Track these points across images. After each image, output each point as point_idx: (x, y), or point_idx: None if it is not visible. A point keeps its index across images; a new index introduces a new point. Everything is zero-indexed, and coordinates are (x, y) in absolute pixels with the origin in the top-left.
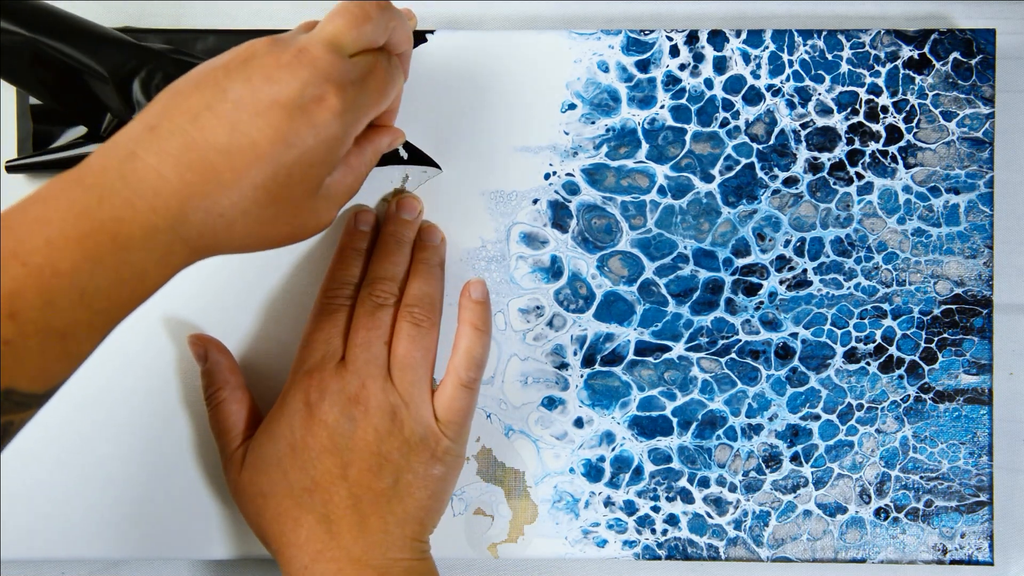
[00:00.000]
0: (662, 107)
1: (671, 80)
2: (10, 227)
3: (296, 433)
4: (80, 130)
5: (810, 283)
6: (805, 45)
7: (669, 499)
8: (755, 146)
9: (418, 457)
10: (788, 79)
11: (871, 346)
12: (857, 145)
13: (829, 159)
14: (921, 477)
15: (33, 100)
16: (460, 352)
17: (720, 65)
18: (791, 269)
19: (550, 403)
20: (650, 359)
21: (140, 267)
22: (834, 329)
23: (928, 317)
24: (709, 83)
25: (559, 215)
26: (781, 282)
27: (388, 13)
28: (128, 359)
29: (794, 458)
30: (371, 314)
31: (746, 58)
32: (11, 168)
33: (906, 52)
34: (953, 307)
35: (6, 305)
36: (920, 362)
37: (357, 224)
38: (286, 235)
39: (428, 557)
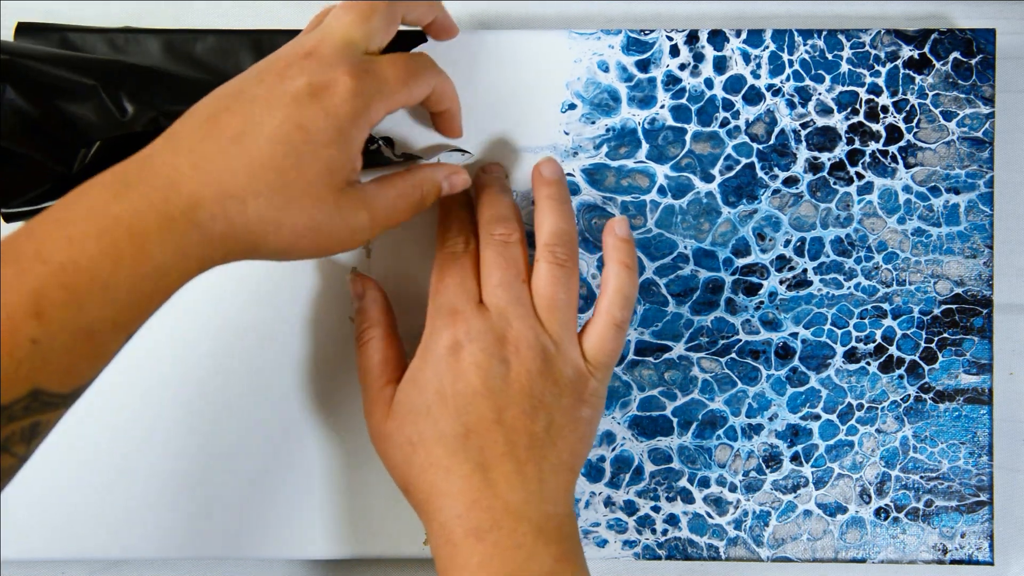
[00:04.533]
0: (662, 107)
1: (671, 80)
2: (32, 231)
3: (444, 379)
4: None
5: (810, 283)
6: (805, 45)
7: (669, 499)
8: (755, 146)
9: (568, 399)
10: (788, 79)
11: (871, 346)
12: (857, 145)
13: (829, 159)
14: (921, 477)
15: None
16: (611, 291)
17: (720, 65)
18: (791, 269)
19: None
20: (650, 359)
21: (159, 259)
22: (834, 329)
23: (928, 317)
24: (709, 83)
25: None
26: (781, 282)
27: (395, 2)
28: (136, 361)
29: (794, 458)
30: (501, 253)
31: (746, 58)
32: (9, 218)
33: (906, 52)
34: (953, 307)
35: (31, 304)
36: (920, 362)
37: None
38: (307, 228)
39: (574, 515)
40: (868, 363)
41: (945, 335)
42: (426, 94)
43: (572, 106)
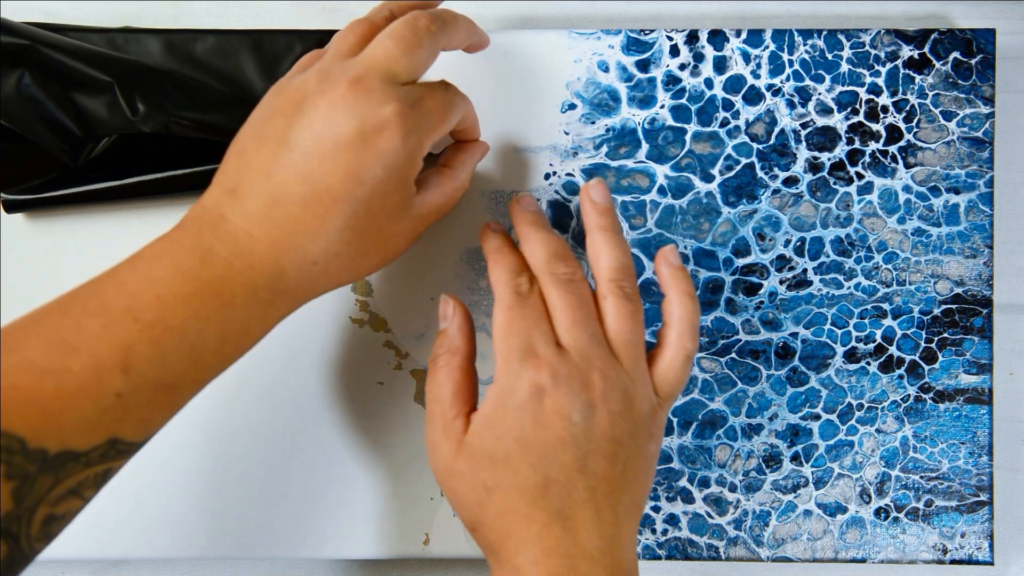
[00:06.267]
0: (662, 107)
1: (671, 80)
2: (122, 283)
3: (526, 426)
4: None
5: (810, 283)
6: (805, 45)
7: (669, 499)
8: (755, 146)
9: (641, 437)
10: (788, 79)
11: (871, 346)
12: (857, 145)
13: (829, 159)
14: (921, 477)
15: None
16: (678, 321)
17: (720, 65)
18: (791, 269)
19: None
20: None
21: (243, 323)
22: (834, 329)
23: (928, 317)
24: (709, 83)
25: (559, 215)
26: (781, 282)
27: (439, 35)
28: None
29: (794, 458)
30: (570, 291)
31: (746, 58)
32: (8, 205)
33: (906, 52)
34: (953, 307)
35: (120, 359)
36: (920, 362)
37: (490, 227)
38: (378, 263)
39: (637, 561)
40: (868, 363)
41: (945, 335)
42: (457, 122)
43: (572, 106)
